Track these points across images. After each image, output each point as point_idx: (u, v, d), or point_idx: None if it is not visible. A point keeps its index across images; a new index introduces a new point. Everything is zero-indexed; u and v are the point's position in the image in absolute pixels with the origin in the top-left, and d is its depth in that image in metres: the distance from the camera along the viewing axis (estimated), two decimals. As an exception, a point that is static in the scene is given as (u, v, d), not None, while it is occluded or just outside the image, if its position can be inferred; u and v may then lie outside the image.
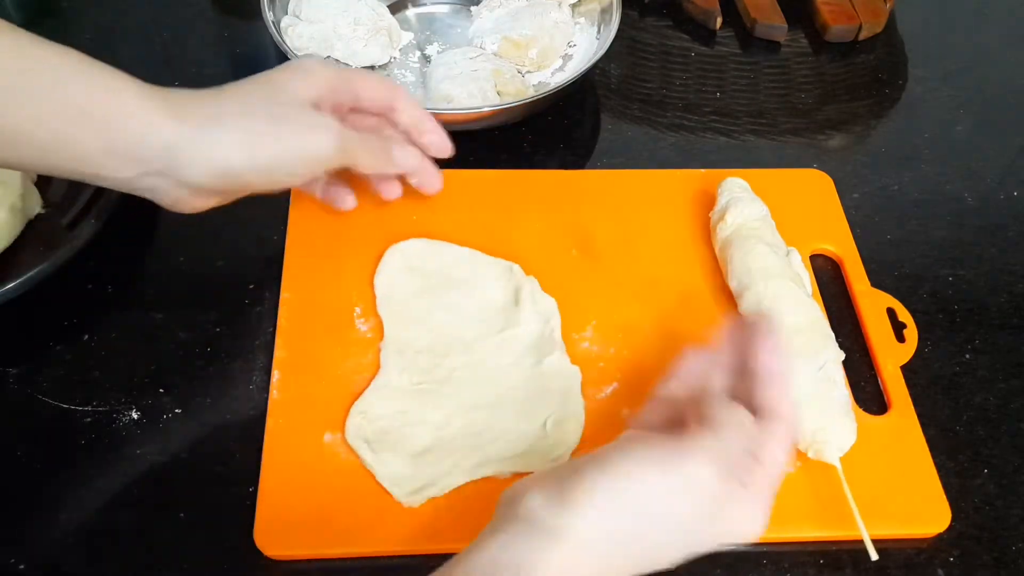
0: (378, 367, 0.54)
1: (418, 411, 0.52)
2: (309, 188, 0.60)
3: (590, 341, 0.57)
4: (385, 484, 0.50)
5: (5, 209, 0.57)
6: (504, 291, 0.58)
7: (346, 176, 0.60)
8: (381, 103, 0.57)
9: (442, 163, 0.67)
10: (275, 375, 0.54)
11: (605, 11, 0.74)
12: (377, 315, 0.57)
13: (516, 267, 0.59)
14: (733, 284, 0.58)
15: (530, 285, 0.58)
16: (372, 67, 0.73)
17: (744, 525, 0.42)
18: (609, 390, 0.55)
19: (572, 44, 0.75)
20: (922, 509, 0.51)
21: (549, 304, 0.58)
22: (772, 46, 0.80)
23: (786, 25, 0.79)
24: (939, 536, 0.51)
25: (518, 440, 0.52)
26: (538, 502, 0.39)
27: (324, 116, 0.53)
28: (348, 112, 0.56)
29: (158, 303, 0.59)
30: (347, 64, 0.71)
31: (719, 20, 0.80)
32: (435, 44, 0.76)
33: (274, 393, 0.53)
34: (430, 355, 0.55)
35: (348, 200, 0.60)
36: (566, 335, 0.57)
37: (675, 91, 0.76)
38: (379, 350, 0.55)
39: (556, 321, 0.57)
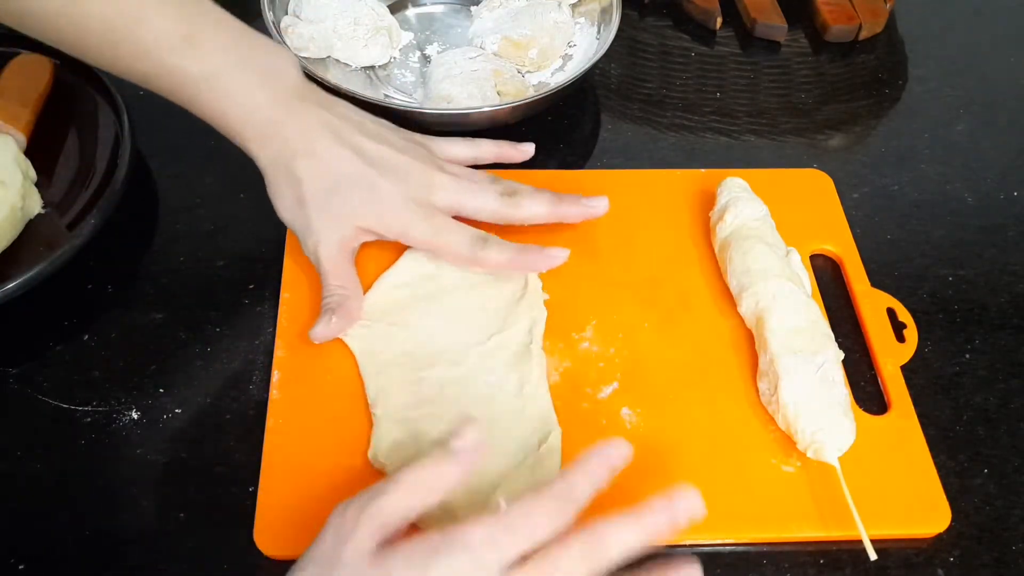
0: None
1: (421, 436, 0.52)
2: None
3: (590, 341, 0.57)
4: None
5: (5, 209, 0.57)
6: (511, 288, 0.58)
7: None
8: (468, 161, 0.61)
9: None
10: (275, 375, 0.54)
11: (605, 11, 0.74)
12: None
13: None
14: (732, 284, 0.58)
15: (535, 279, 0.59)
16: (372, 67, 0.73)
17: None
18: (609, 390, 0.55)
19: (572, 44, 0.75)
20: (922, 509, 0.51)
21: (539, 312, 0.57)
22: (772, 46, 0.80)
23: (786, 25, 0.79)
24: (939, 536, 0.51)
25: (499, 470, 0.50)
26: None
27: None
28: None
29: (158, 303, 0.59)
30: (347, 64, 0.72)
31: (719, 20, 0.80)
32: (435, 44, 0.76)
33: (274, 393, 0.53)
34: (408, 367, 0.54)
35: None
36: (566, 335, 0.57)
37: (675, 91, 0.76)
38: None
39: (539, 331, 0.56)
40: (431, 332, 0.56)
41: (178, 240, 0.62)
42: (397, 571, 0.39)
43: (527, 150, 0.63)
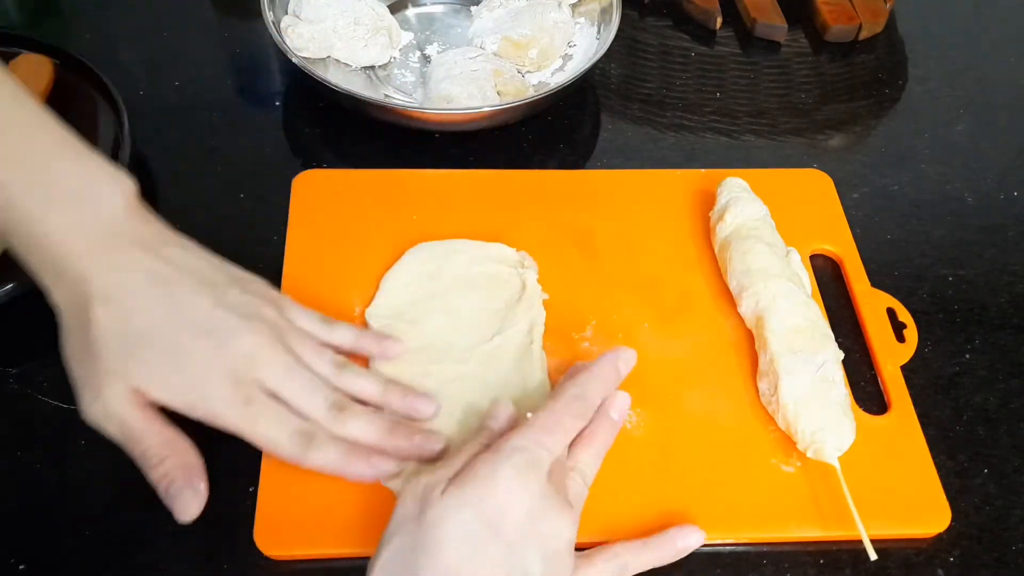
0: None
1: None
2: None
3: (590, 341, 0.57)
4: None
5: (5, 209, 0.56)
6: (509, 290, 0.58)
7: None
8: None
9: (442, 162, 0.67)
10: (275, 375, 0.54)
11: (605, 11, 0.74)
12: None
13: (528, 258, 0.59)
14: (732, 284, 0.58)
15: (533, 281, 0.58)
16: (372, 67, 0.73)
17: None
18: (609, 390, 0.55)
19: (572, 44, 0.75)
20: (922, 509, 0.51)
21: (538, 312, 0.57)
22: (772, 46, 0.80)
23: (786, 25, 0.79)
24: (939, 536, 0.51)
25: None
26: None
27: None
28: None
29: (158, 303, 0.58)
30: (347, 64, 0.71)
31: (719, 20, 0.80)
32: (435, 44, 0.76)
33: (274, 393, 0.53)
34: (418, 363, 0.54)
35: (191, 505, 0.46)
36: (566, 335, 0.57)
37: (675, 91, 0.76)
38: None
39: (539, 331, 0.56)
40: (438, 330, 0.56)
41: (178, 240, 0.62)
42: (471, 486, 0.43)
43: (390, 349, 0.54)
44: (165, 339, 0.45)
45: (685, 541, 0.48)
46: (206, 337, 0.46)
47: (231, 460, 0.52)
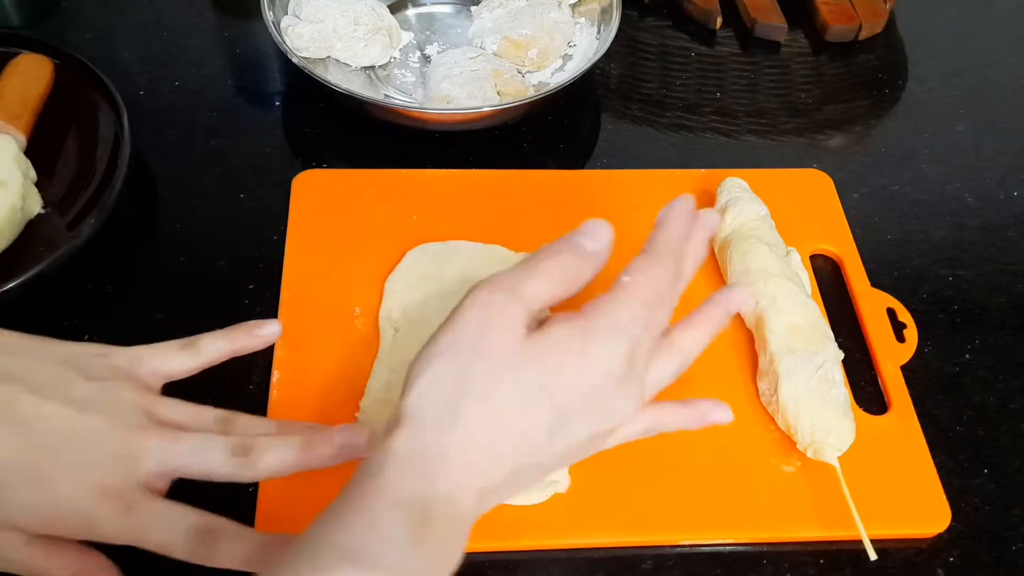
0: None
1: None
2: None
3: (590, 341, 0.57)
4: None
5: (5, 209, 0.57)
6: None
7: None
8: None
9: (442, 162, 0.67)
10: (275, 375, 0.54)
11: (605, 11, 0.74)
12: (377, 314, 0.57)
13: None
14: (732, 284, 0.58)
15: None
16: (372, 67, 0.73)
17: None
18: (609, 390, 0.55)
19: (572, 44, 0.75)
20: (922, 509, 0.51)
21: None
22: (772, 46, 0.80)
23: (786, 25, 0.79)
24: (939, 536, 0.51)
25: None
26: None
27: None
28: None
29: (158, 303, 0.58)
30: (347, 64, 0.71)
31: (719, 20, 0.80)
32: (435, 44, 0.76)
33: (274, 393, 0.53)
34: None
35: None
36: (566, 335, 0.57)
37: (675, 91, 0.76)
38: (378, 350, 0.55)
39: None
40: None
41: (178, 240, 0.62)
42: (552, 357, 0.39)
43: (268, 332, 0.48)
44: (25, 472, 0.40)
45: (713, 416, 0.45)
46: (68, 452, 0.40)
47: (231, 460, 0.52)
